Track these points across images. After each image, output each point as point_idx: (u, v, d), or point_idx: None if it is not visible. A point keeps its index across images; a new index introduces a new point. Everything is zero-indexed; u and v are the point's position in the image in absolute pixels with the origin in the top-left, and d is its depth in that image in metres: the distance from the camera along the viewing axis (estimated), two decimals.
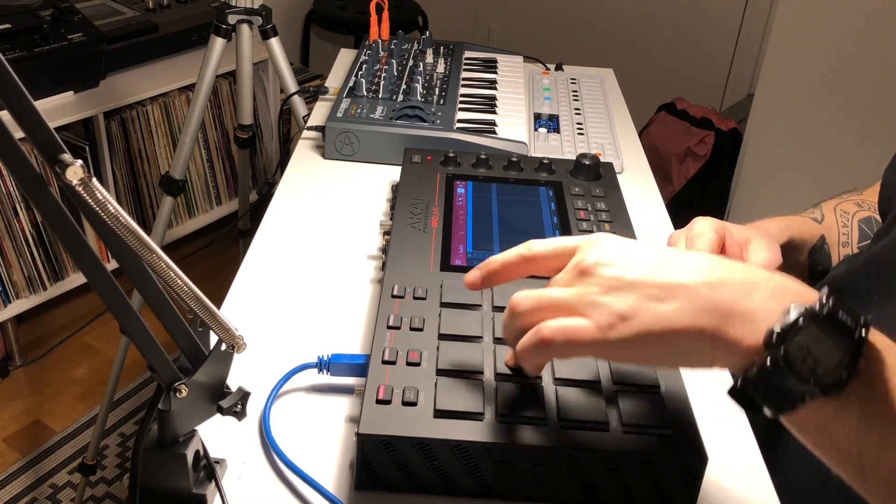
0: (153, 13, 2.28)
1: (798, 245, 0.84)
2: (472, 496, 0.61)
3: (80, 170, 0.43)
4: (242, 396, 0.59)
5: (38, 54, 1.86)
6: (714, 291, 0.49)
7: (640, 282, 0.50)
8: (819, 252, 0.86)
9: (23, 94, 0.41)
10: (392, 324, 0.68)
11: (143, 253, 0.48)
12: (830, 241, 0.87)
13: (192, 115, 1.56)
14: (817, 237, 0.87)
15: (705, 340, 0.48)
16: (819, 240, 0.86)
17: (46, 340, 2.25)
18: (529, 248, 0.58)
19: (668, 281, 0.50)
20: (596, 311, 0.51)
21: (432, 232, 0.82)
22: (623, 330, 0.50)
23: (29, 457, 1.92)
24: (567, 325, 0.51)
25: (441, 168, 0.95)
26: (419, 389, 0.61)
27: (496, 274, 0.59)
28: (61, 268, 2.15)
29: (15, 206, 1.99)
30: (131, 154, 2.26)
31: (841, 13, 2.20)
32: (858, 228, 0.88)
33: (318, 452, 0.65)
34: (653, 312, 0.49)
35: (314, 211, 1.00)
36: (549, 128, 1.20)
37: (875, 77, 2.19)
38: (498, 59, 1.41)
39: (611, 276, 0.51)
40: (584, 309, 0.51)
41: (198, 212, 2.49)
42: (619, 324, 0.50)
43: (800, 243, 0.84)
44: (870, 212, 0.90)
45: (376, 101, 1.16)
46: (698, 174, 2.59)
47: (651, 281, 0.50)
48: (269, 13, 1.55)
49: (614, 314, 0.50)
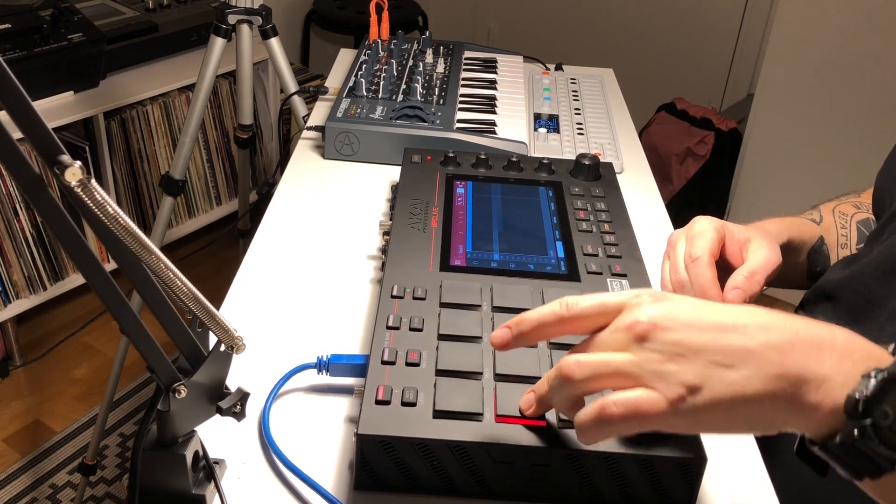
0: (153, 13, 2.28)
1: (797, 246, 0.84)
2: (471, 496, 0.61)
3: (78, 171, 0.43)
4: (242, 397, 0.59)
5: (37, 54, 1.86)
6: (783, 355, 0.47)
7: (704, 348, 0.48)
8: (818, 253, 0.86)
9: (21, 94, 0.41)
10: (391, 324, 0.68)
11: (142, 254, 0.48)
12: (829, 243, 0.87)
13: (192, 115, 1.56)
14: (816, 238, 0.87)
15: (779, 407, 0.47)
16: (818, 241, 0.86)
17: (46, 340, 2.25)
18: (567, 308, 0.53)
19: (734, 345, 0.47)
20: (662, 383, 0.48)
21: (432, 232, 0.82)
22: (694, 402, 0.47)
23: (29, 457, 1.92)
24: (635, 401, 0.48)
25: (441, 168, 0.95)
26: (418, 390, 0.61)
27: (528, 334, 0.55)
28: (61, 268, 2.15)
29: (15, 206, 1.99)
30: (131, 154, 2.26)
31: (841, 13, 2.20)
32: (857, 230, 0.88)
33: (317, 453, 0.65)
34: (722, 381, 0.47)
35: (314, 211, 1.00)
36: (548, 128, 1.20)
37: (875, 77, 2.19)
38: (498, 59, 1.41)
39: (672, 340, 0.48)
40: (648, 379, 0.48)
41: (198, 212, 2.49)
42: (689, 396, 0.47)
43: (799, 244, 0.84)
44: (868, 213, 0.90)
45: (376, 101, 1.16)
46: (698, 174, 2.59)
47: (715, 346, 0.48)
48: (269, 13, 1.55)
49: (683, 385, 0.47)
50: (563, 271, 0.77)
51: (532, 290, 0.73)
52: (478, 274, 0.75)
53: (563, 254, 0.80)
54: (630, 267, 0.78)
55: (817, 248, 0.86)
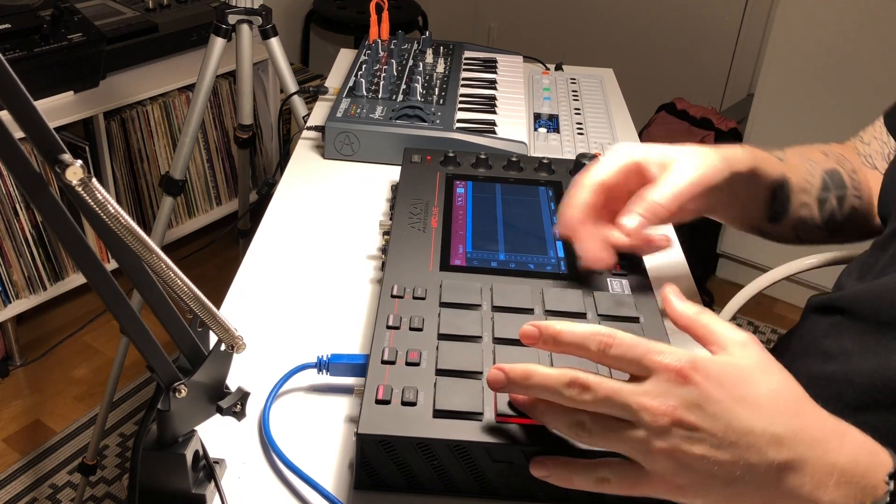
0: (153, 13, 2.28)
1: (761, 179, 0.79)
2: (471, 496, 0.61)
3: (79, 170, 0.43)
4: (242, 396, 0.59)
5: (38, 54, 1.86)
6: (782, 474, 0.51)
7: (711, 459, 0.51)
8: (782, 190, 0.82)
9: (23, 93, 0.41)
10: (391, 324, 0.68)
11: (143, 253, 0.48)
12: (793, 185, 0.83)
13: (192, 115, 1.56)
14: (780, 175, 0.82)
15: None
16: (782, 178, 0.82)
17: (46, 340, 2.25)
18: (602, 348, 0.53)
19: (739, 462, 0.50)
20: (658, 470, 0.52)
21: (432, 232, 0.82)
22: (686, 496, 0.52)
23: (29, 457, 1.93)
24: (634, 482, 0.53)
25: (441, 168, 0.95)
26: (419, 389, 0.61)
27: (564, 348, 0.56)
28: (61, 268, 2.15)
29: (15, 206, 2.00)
30: (131, 154, 2.26)
31: (841, 13, 2.20)
32: (822, 178, 0.84)
33: (317, 452, 0.65)
34: (714, 491, 0.51)
35: (314, 211, 1.00)
36: (548, 128, 1.20)
37: (875, 77, 2.19)
38: (498, 59, 1.41)
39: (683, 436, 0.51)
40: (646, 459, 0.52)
41: (198, 212, 2.49)
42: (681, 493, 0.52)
43: (763, 178, 0.79)
44: (836, 164, 0.86)
45: (376, 101, 1.16)
46: None
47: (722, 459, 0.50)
48: (269, 13, 1.55)
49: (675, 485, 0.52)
50: (563, 271, 0.77)
51: (532, 290, 0.73)
52: (478, 274, 0.75)
53: (564, 253, 0.80)
54: (630, 266, 0.78)
55: (782, 184, 0.82)
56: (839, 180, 0.85)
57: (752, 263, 2.56)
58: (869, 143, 0.94)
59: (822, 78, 2.28)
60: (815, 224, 0.84)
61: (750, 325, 2.53)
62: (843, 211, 0.85)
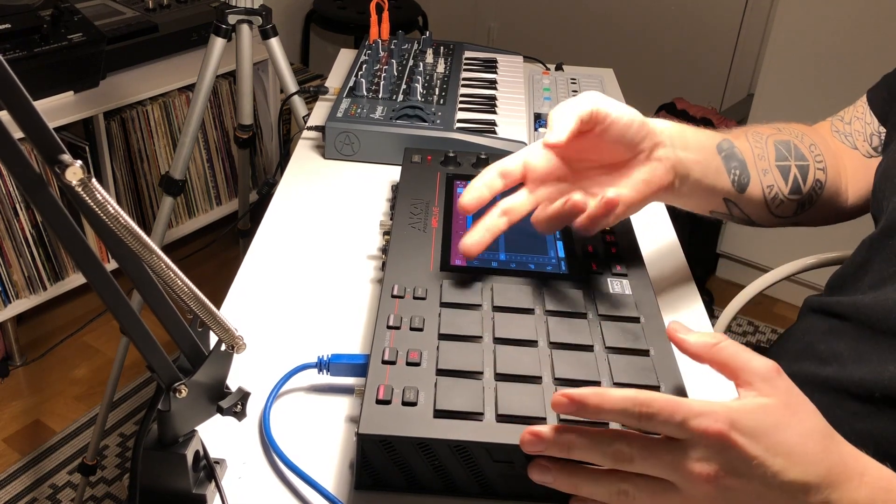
0: (153, 13, 2.28)
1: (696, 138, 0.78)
2: (472, 496, 0.61)
3: (79, 170, 0.43)
4: (242, 396, 0.59)
5: (37, 54, 1.86)
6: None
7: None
8: (732, 157, 0.80)
9: (22, 94, 0.41)
10: (392, 324, 0.68)
11: (143, 253, 0.48)
12: (747, 160, 0.81)
13: (192, 115, 1.56)
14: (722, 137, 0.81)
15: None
16: (725, 142, 0.81)
17: (46, 340, 2.25)
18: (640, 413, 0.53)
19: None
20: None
21: (432, 232, 0.82)
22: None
23: (29, 457, 1.93)
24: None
25: (441, 168, 0.95)
26: (419, 389, 0.61)
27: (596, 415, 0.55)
28: (61, 268, 2.15)
29: (15, 206, 2.00)
30: (131, 154, 2.26)
31: (840, 13, 2.20)
32: (775, 148, 0.84)
33: (317, 452, 0.65)
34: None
35: (314, 211, 1.00)
36: None
37: (875, 77, 2.19)
38: (498, 59, 1.41)
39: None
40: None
41: (198, 212, 2.49)
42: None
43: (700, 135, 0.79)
44: (789, 136, 0.85)
45: (376, 101, 1.16)
46: None
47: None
48: (269, 13, 1.55)
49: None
50: (563, 271, 0.77)
51: (533, 290, 0.73)
52: (478, 273, 0.75)
53: (564, 253, 0.80)
54: (630, 267, 0.78)
55: (728, 151, 0.80)
56: (798, 152, 0.85)
57: (752, 263, 2.56)
58: (850, 123, 0.94)
59: (821, 78, 2.28)
60: (783, 195, 0.83)
61: (750, 325, 2.53)
62: (808, 182, 0.84)
